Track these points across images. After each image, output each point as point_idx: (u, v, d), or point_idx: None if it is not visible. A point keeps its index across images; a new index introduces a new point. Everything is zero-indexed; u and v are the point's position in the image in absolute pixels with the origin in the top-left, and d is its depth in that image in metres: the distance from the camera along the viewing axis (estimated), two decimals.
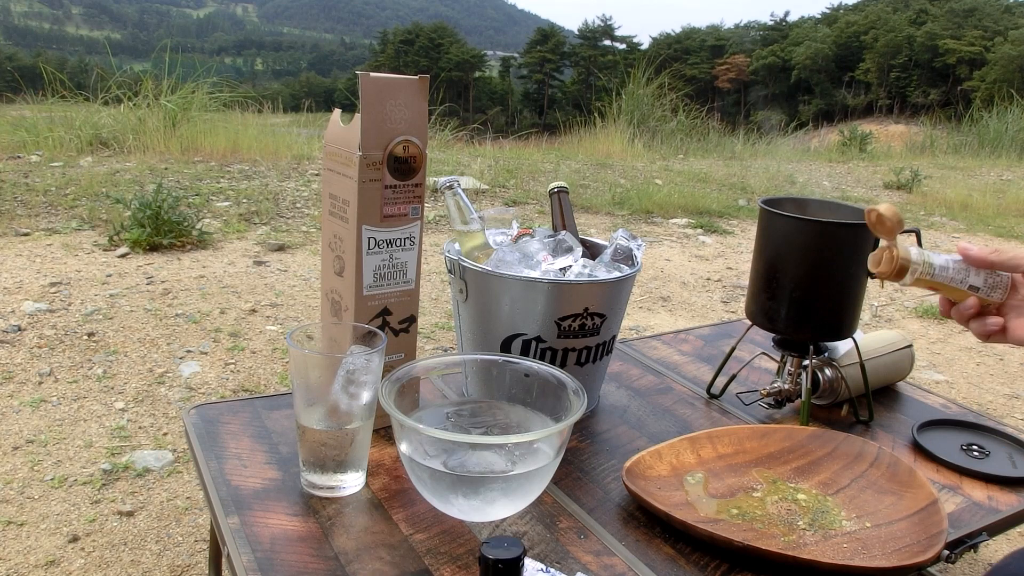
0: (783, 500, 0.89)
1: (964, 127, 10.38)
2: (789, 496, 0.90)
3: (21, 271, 2.54)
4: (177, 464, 1.55)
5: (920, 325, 2.86)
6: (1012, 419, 2.09)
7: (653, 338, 1.48)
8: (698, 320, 2.68)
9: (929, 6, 58.87)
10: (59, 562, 1.26)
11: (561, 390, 0.86)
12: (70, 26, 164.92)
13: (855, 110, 54.31)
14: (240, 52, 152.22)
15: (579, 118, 8.19)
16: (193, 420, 1.01)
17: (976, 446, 1.08)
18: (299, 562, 0.75)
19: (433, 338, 2.29)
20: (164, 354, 2.02)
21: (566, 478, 0.94)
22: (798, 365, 1.13)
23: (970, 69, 50.70)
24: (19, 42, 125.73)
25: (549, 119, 43.19)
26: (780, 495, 0.90)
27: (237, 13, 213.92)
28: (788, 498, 0.90)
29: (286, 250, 3.05)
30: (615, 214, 4.27)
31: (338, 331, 0.92)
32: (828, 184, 6.20)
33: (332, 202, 0.95)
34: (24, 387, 1.81)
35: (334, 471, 0.85)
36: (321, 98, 43.83)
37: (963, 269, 0.74)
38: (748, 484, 0.92)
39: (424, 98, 0.91)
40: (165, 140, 4.85)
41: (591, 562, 0.78)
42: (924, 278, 0.73)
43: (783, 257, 1.07)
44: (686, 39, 69.38)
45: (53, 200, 3.47)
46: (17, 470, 1.49)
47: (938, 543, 0.79)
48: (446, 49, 67.18)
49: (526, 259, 1.05)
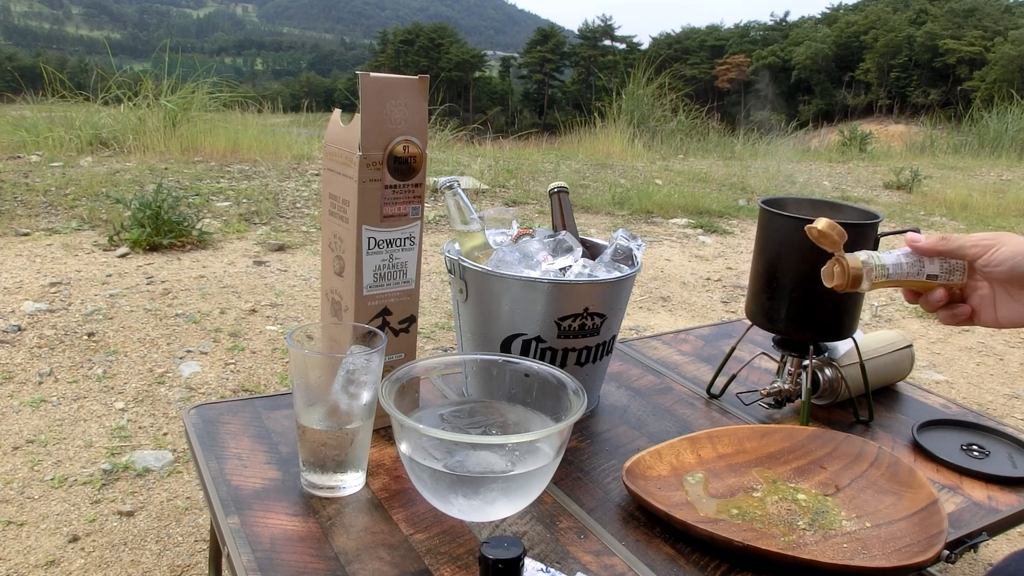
0: (783, 500, 0.89)
1: (964, 127, 10.39)
2: (789, 496, 0.90)
3: (21, 271, 2.54)
4: (177, 464, 1.55)
5: (920, 325, 2.86)
6: (1012, 419, 2.09)
7: (653, 338, 1.48)
8: (698, 320, 2.68)
9: (929, 6, 58.86)
10: (59, 562, 1.26)
11: (561, 390, 0.86)
12: (70, 26, 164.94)
13: (855, 110, 54.31)
14: (240, 52, 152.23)
15: (579, 118, 8.19)
16: (193, 420, 1.01)
17: (976, 446, 1.08)
18: (299, 562, 0.75)
19: (433, 338, 2.29)
20: (164, 354, 2.02)
21: (566, 478, 0.94)
22: (798, 365, 1.13)
23: (970, 69, 50.69)
24: (19, 42, 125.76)
25: (549, 119, 43.19)
26: (780, 495, 0.90)
27: (237, 13, 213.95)
28: (788, 498, 0.90)
29: (286, 250, 3.05)
30: (615, 214, 4.27)
31: (338, 331, 0.92)
32: (828, 184, 6.20)
33: (332, 202, 0.95)
34: (24, 387, 1.81)
35: (334, 471, 0.85)
36: (321, 98, 43.84)
37: (916, 261, 0.74)
38: (748, 484, 0.92)
39: (424, 98, 0.91)
40: (165, 140, 4.85)
41: (591, 562, 0.78)
42: (880, 280, 0.74)
43: (783, 257, 1.07)
44: (686, 39, 69.39)
45: (53, 200, 3.47)
46: (17, 470, 1.49)
47: (938, 543, 0.79)
48: (446, 49, 67.18)
49: (526, 259, 1.05)
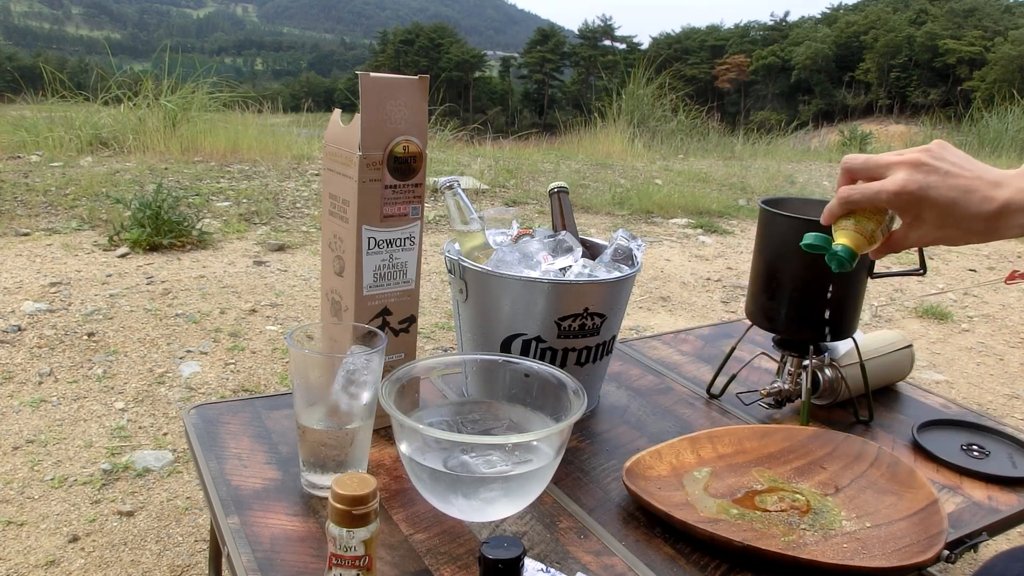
0: (783, 500, 0.89)
1: (964, 127, 10.38)
2: (789, 496, 0.90)
3: (21, 271, 2.54)
4: (177, 464, 1.55)
5: (920, 325, 2.86)
6: (1012, 419, 2.09)
7: (653, 338, 1.48)
8: (698, 320, 2.68)
9: (929, 6, 58.88)
10: (59, 562, 1.26)
11: (561, 390, 0.86)
12: (70, 26, 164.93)
13: (855, 110, 54.33)
14: (240, 52, 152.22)
15: (579, 118, 8.19)
16: (193, 420, 1.01)
17: (976, 446, 1.08)
18: (299, 562, 0.75)
19: (433, 338, 2.29)
20: (164, 354, 2.02)
21: (566, 478, 0.94)
22: (798, 365, 1.13)
23: (970, 69, 50.70)
24: (19, 42, 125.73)
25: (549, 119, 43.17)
26: (780, 495, 0.90)
27: (237, 13, 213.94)
28: (788, 498, 0.90)
29: (286, 250, 3.05)
30: (615, 214, 4.27)
31: (338, 331, 0.92)
32: (828, 184, 6.19)
33: (332, 202, 0.95)
34: (24, 387, 1.81)
35: (334, 471, 0.85)
36: (321, 98, 43.81)
37: None
38: (748, 484, 0.93)
39: (424, 98, 0.91)
40: (165, 140, 4.85)
41: (591, 562, 0.78)
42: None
43: (783, 257, 1.07)
44: (686, 39, 69.43)
45: (53, 200, 3.47)
46: (17, 470, 1.49)
47: (938, 543, 0.79)
48: (446, 49, 67.19)
49: (526, 259, 1.05)
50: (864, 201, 0.72)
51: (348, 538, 0.61)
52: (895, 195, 0.69)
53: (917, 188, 0.68)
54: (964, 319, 2.97)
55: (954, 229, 0.69)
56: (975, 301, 3.23)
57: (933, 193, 0.68)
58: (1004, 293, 3.35)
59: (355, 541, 0.61)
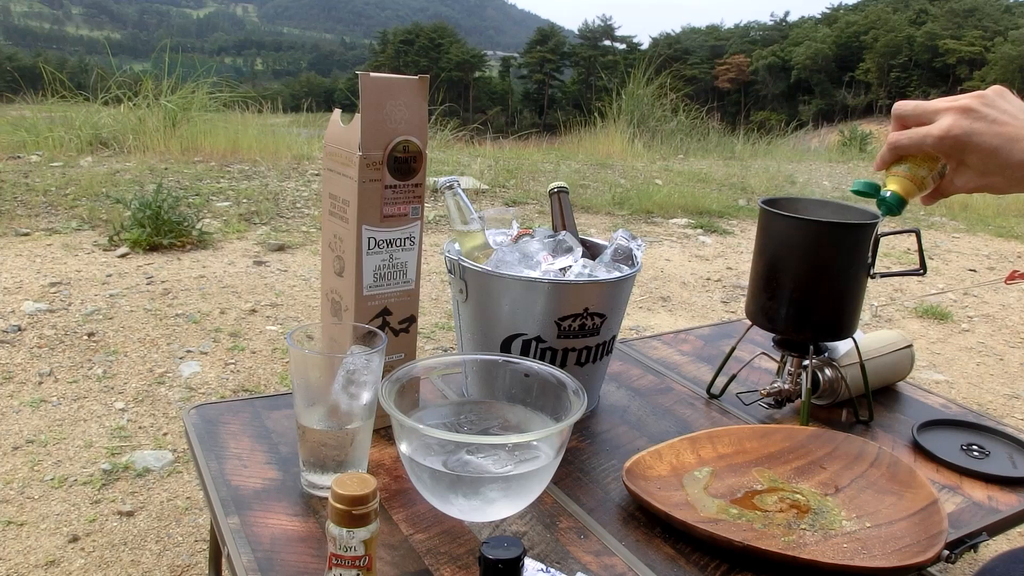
0: (783, 500, 0.89)
1: None
2: (789, 496, 0.90)
3: (21, 271, 2.54)
4: (177, 464, 1.55)
5: (920, 325, 2.86)
6: (1012, 419, 2.09)
7: (653, 338, 1.48)
8: (698, 320, 2.68)
9: (929, 6, 58.90)
10: (59, 562, 1.26)
11: (561, 390, 0.86)
12: (70, 26, 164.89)
13: (855, 110, 54.32)
14: (240, 52, 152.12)
15: (579, 118, 8.18)
16: (193, 420, 1.01)
17: (976, 446, 1.08)
18: (299, 562, 0.75)
19: (433, 338, 2.29)
20: (164, 354, 2.02)
21: (566, 478, 0.94)
22: (798, 365, 1.13)
23: (970, 69, 50.72)
24: (19, 42, 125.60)
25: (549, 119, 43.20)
26: (780, 495, 0.90)
27: (237, 13, 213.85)
28: (788, 498, 0.90)
29: (286, 250, 3.05)
30: (615, 214, 4.27)
31: (338, 331, 0.92)
32: (828, 184, 6.20)
33: (332, 202, 0.95)
34: (24, 387, 1.81)
35: (334, 471, 0.85)
36: (321, 98, 43.78)
37: None
38: (748, 484, 0.92)
39: (424, 98, 0.91)
40: (165, 140, 4.85)
41: (591, 562, 0.78)
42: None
43: (783, 257, 1.07)
44: (686, 39, 69.47)
45: (53, 200, 3.47)
46: (17, 470, 1.49)
47: (938, 543, 0.79)
48: (446, 49, 67.18)
49: (526, 259, 1.05)
50: (911, 146, 0.73)
51: (348, 538, 0.61)
52: (939, 139, 0.70)
53: (961, 133, 0.68)
54: (964, 319, 2.97)
55: (998, 176, 0.69)
56: (975, 301, 3.23)
57: (977, 139, 0.68)
58: (1004, 293, 3.35)
59: (355, 541, 0.61)
